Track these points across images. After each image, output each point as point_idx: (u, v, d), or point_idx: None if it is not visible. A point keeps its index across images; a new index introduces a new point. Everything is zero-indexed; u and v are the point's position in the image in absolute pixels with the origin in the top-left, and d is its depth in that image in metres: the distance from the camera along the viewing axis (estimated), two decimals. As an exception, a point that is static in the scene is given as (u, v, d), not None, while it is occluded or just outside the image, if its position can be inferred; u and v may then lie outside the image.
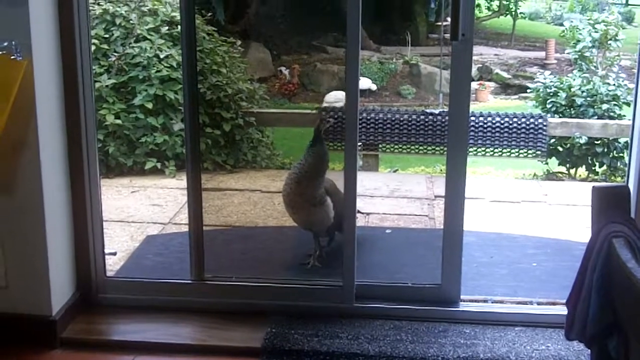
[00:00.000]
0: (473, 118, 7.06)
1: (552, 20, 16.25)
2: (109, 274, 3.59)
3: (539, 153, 7.25)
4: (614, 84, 7.91)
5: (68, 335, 3.25)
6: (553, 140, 7.50)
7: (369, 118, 7.17)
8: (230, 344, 3.20)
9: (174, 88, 6.19)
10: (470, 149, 6.73)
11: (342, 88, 3.38)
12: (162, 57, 6.27)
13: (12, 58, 2.92)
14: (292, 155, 7.12)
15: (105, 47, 6.25)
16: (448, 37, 3.21)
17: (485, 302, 3.52)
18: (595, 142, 7.41)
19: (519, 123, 7.18)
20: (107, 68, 6.20)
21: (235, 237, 4.78)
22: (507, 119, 7.21)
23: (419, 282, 3.51)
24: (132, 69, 6.22)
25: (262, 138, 6.95)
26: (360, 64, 3.27)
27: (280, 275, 3.83)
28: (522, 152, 7.24)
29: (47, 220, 3.12)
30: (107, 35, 6.32)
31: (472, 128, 6.95)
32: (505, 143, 7.19)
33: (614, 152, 7.47)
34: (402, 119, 7.15)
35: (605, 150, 7.43)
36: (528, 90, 9.09)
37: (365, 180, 5.96)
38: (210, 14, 7.36)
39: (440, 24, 12.94)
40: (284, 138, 7.86)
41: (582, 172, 7.70)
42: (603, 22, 9.11)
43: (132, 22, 6.40)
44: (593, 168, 7.57)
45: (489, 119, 7.21)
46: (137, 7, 6.52)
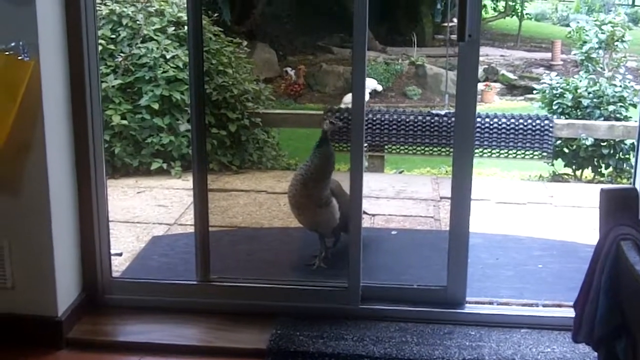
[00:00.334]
0: (479, 119, 7.04)
1: (558, 21, 16.24)
2: (115, 275, 3.59)
3: (545, 154, 7.23)
4: (621, 86, 7.89)
5: (74, 336, 3.25)
6: (559, 142, 7.48)
7: (375, 119, 7.17)
8: (236, 345, 3.20)
9: (180, 88, 6.20)
10: (476, 150, 6.72)
11: (349, 89, 3.38)
12: (168, 57, 6.28)
13: (19, 58, 2.92)
14: (297, 156, 7.12)
15: (112, 47, 6.26)
16: (454, 38, 3.21)
17: (491, 304, 3.51)
18: (602, 143, 7.39)
19: (525, 124, 7.16)
20: (113, 68, 6.22)
21: (241, 238, 4.78)
22: (513, 120, 7.19)
23: (425, 283, 3.50)
24: (138, 70, 6.23)
25: (267, 139, 6.96)
26: (366, 65, 3.27)
27: (286, 277, 3.83)
28: (528, 153, 7.21)
29: (53, 221, 3.12)
30: (113, 36, 6.34)
31: (478, 129, 6.94)
32: (511, 144, 7.17)
33: (620, 153, 7.44)
34: (408, 120, 7.14)
35: (612, 152, 7.41)
36: (534, 92, 9.06)
37: (371, 182, 5.96)
38: (217, 15, 7.38)
39: (447, 25, 12.96)
40: (290, 139, 7.86)
41: (588, 173, 7.68)
42: (609, 23, 9.09)
43: (138, 22, 6.42)
44: (599, 170, 7.56)
45: (495, 120, 7.19)
46: (143, 7, 6.53)
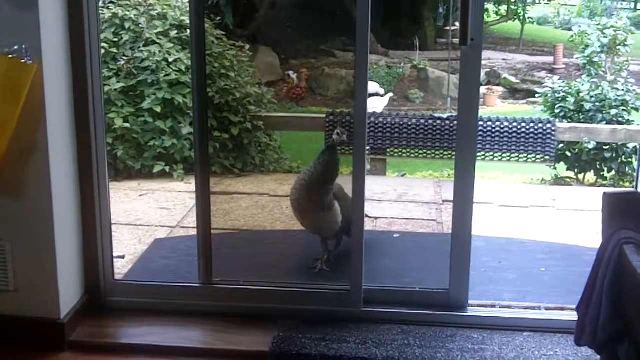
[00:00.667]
0: (481, 123, 7.05)
1: (560, 25, 16.24)
2: (117, 277, 3.59)
3: (548, 158, 7.23)
4: (623, 89, 7.89)
5: (76, 338, 3.25)
6: (561, 145, 7.48)
7: (377, 122, 7.17)
8: (238, 348, 3.20)
9: (183, 92, 6.21)
10: (479, 154, 6.72)
11: (352, 92, 3.38)
12: (170, 61, 6.29)
13: (22, 61, 2.93)
14: (299, 159, 7.13)
15: (115, 50, 6.27)
16: (456, 41, 3.21)
17: (494, 307, 3.51)
18: (604, 147, 7.39)
19: (528, 128, 7.16)
20: (116, 72, 6.22)
21: (243, 240, 4.78)
22: (515, 124, 7.19)
23: (427, 286, 3.50)
24: (141, 73, 6.24)
25: (270, 142, 6.97)
26: (369, 68, 3.27)
27: (288, 279, 3.82)
28: (530, 157, 7.21)
29: (56, 224, 3.12)
30: (116, 39, 6.34)
31: (480, 133, 6.94)
32: (514, 148, 7.17)
33: (623, 157, 7.45)
34: (410, 124, 7.14)
35: (614, 156, 7.41)
36: (536, 95, 9.07)
37: (373, 185, 5.96)
38: (219, 18, 7.40)
39: (449, 29, 12.95)
40: (292, 142, 7.87)
41: (590, 177, 7.68)
42: (612, 27, 9.09)
43: (141, 26, 6.42)
44: (601, 173, 7.56)
45: (497, 124, 7.19)
46: (146, 11, 6.54)
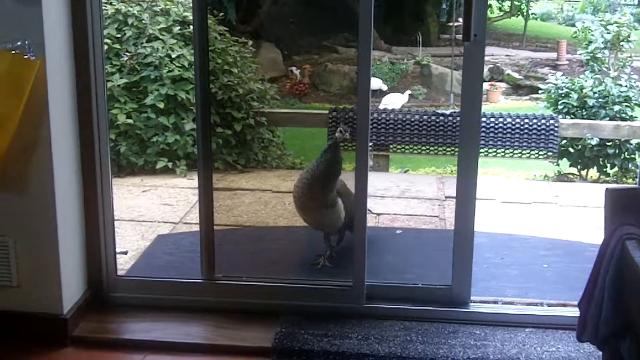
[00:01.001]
0: (484, 119, 7.04)
1: (563, 21, 16.20)
2: (120, 273, 3.59)
3: (550, 154, 7.22)
4: (626, 86, 7.88)
5: (79, 334, 3.26)
6: (564, 142, 7.47)
7: (380, 118, 7.17)
8: (241, 344, 3.21)
9: (186, 88, 6.21)
10: (482, 150, 6.72)
11: (355, 88, 3.37)
12: (173, 56, 6.29)
13: (25, 57, 2.93)
14: (302, 155, 7.13)
15: (118, 46, 6.28)
16: (460, 37, 3.21)
17: (496, 303, 3.51)
18: (607, 143, 7.38)
19: (530, 124, 7.15)
20: (119, 68, 6.23)
21: (246, 236, 4.78)
22: (518, 120, 7.19)
23: (429, 282, 3.50)
24: (144, 69, 6.24)
25: (272, 138, 6.96)
26: (372, 64, 3.27)
27: (291, 275, 3.83)
28: (533, 153, 7.21)
29: (58, 219, 3.13)
30: (119, 35, 6.35)
31: (483, 129, 6.93)
32: (517, 144, 7.16)
33: (626, 153, 7.44)
34: (413, 120, 7.15)
35: (617, 152, 7.40)
36: (539, 91, 9.06)
37: (376, 181, 5.96)
38: (222, 14, 7.40)
39: (452, 25, 12.94)
40: (295, 138, 7.87)
41: (593, 173, 7.67)
42: (615, 23, 9.08)
43: (144, 21, 6.43)
44: (604, 169, 7.55)
45: (500, 120, 7.19)
46: (149, 6, 6.54)
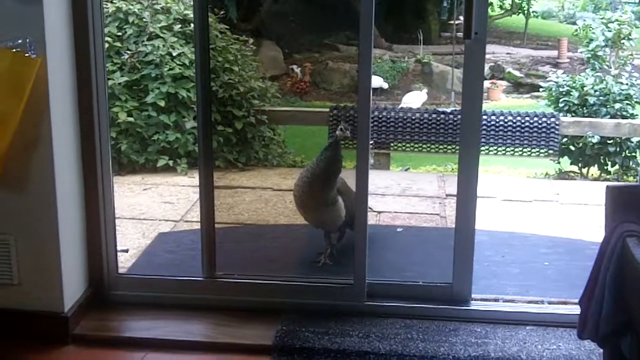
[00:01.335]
0: (485, 117, 7.04)
1: (564, 19, 16.20)
2: (121, 271, 3.60)
3: (551, 152, 7.22)
4: (627, 83, 7.87)
5: (80, 332, 3.26)
6: (565, 140, 7.46)
7: (381, 116, 7.17)
8: (242, 342, 3.21)
9: (187, 86, 6.21)
10: (483, 148, 6.71)
11: (356, 86, 3.37)
12: (174, 55, 6.29)
13: (26, 55, 2.93)
14: (303, 154, 7.13)
15: (118, 44, 6.28)
16: (461, 35, 3.21)
17: (497, 301, 3.52)
18: (608, 141, 7.37)
19: (531, 122, 7.15)
20: (120, 66, 6.23)
21: (247, 234, 4.78)
22: (519, 118, 7.18)
23: (430, 280, 3.50)
24: (144, 67, 6.24)
25: (273, 136, 6.96)
26: (372, 62, 3.27)
27: (292, 273, 3.83)
28: (534, 151, 7.20)
29: (59, 218, 3.13)
30: (120, 33, 6.35)
31: (484, 127, 6.93)
32: (518, 142, 7.15)
33: (627, 151, 7.43)
34: (414, 118, 7.14)
35: (618, 150, 7.39)
36: (540, 89, 9.06)
37: (377, 179, 5.96)
38: (223, 12, 7.39)
39: (453, 23, 12.95)
40: (296, 136, 7.87)
41: (594, 171, 7.66)
42: (616, 21, 9.07)
43: (145, 20, 6.43)
44: (605, 167, 7.53)
45: (501, 118, 7.18)
46: (150, 5, 6.54)
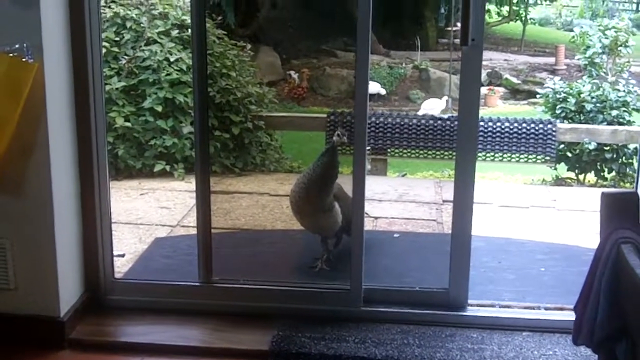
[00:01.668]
0: (482, 123, 7.05)
1: (562, 26, 16.23)
2: (117, 276, 3.59)
3: (548, 158, 7.24)
4: (624, 90, 7.90)
5: (76, 337, 3.25)
6: (562, 146, 7.49)
7: (378, 122, 7.18)
8: (238, 347, 3.21)
9: (184, 91, 6.21)
10: (479, 154, 6.73)
11: (353, 92, 3.38)
12: (172, 60, 6.29)
13: (23, 60, 2.93)
14: (300, 159, 7.13)
15: (116, 50, 6.28)
16: (458, 42, 3.21)
17: (493, 307, 3.51)
18: (605, 148, 7.40)
19: (528, 128, 7.17)
20: (117, 71, 6.22)
21: (244, 240, 4.78)
22: (516, 124, 7.20)
23: (427, 286, 3.50)
24: (142, 72, 6.24)
25: (270, 142, 6.97)
26: (370, 68, 3.27)
27: (288, 279, 3.83)
28: (531, 157, 7.22)
29: (56, 222, 3.13)
30: (117, 38, 6.35)
31: (481, 133, 6.94)
32: (514, 148, 7.17)
33: (623, 158, 7.45)
34: (411, 124, 7.16)
35: (615, 157, 7.41)
36: (537, 96, 9.07)
37: (374, 185, 5.96)
38: (221, 18, 7.40)
39: (450, 29, 12.94)
40: (293, 142, 7.88)
41: (591, 177, 7.68)
42: (613, 28, 9.10)
43: (142, 25, 6.43)
44: (602, 174, 7.56)
45: (498, 124, 7.20)
46: (147, 10, 6.54)
